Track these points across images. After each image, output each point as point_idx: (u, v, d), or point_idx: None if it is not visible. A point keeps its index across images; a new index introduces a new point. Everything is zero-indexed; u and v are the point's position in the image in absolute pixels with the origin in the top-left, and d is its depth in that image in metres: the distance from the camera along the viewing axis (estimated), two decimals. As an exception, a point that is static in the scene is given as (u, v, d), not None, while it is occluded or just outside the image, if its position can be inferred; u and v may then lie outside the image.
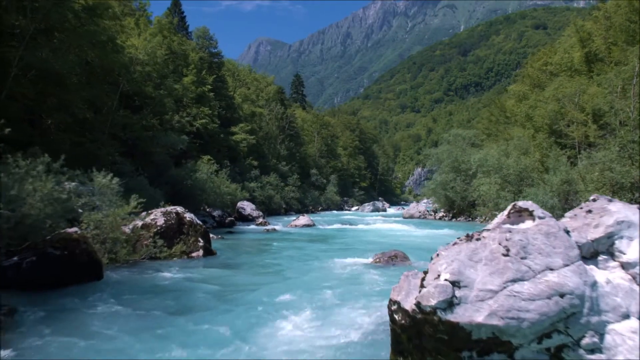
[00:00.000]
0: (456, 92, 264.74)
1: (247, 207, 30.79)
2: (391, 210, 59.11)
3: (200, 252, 12.13)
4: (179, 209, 13.21)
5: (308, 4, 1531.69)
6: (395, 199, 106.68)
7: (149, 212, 12.97)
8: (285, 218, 35.45)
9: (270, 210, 42.12)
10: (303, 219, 27.64)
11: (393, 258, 10.90)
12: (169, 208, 12.86)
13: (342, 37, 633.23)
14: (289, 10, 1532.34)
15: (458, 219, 33.02)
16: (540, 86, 39.09)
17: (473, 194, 29.86)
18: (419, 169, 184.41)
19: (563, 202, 21.65)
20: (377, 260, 10.92)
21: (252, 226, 27.10)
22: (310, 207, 53.97)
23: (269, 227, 24.69)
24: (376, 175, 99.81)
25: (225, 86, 48.48)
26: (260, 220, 28.74)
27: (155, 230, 11.81)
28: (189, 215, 13.07)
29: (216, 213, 27.83)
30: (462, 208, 32.74)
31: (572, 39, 36.54)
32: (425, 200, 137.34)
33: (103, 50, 24.42)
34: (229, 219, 28.46)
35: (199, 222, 13.33)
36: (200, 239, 12.45)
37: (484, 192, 24.27)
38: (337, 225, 28.13)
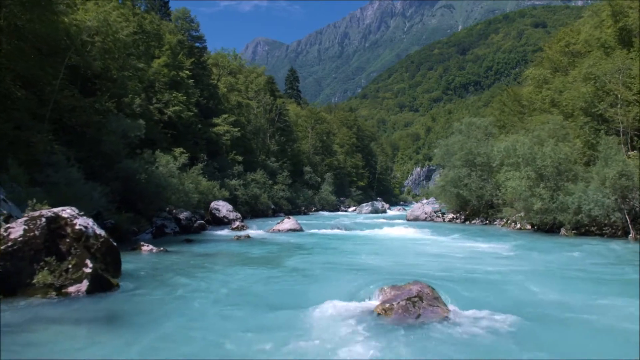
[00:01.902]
0: (455, 91, 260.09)
1: (223, 208, 25.78)
2: (391, 212, 54.12)
3: (83, 286, 7.12)
4: (68, 211, 8.19)
5: (306, 4, 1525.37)
6: (394, 199, 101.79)
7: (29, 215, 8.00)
8: (271, 221, 30.35)
9: (255, 211, 37.09)
10: (288, 223, 22.65)
11: (414, 302, 5.92)
12: (44, 211, 7.83)
13: (339, 37, 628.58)
14: (287, 11, 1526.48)
15: (472, 222, 28.03)
16: (562, 69, 34.47)
17: (496, 192, 24.94)
18: (418, 169, 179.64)
19: (620, 202, 16.72)
20: (388, 306, 5.93)
21: (225, 231, 22.09)
22: (303, 208, 48.98)
23: (243, 233, 19.70)
24: (374, 174, 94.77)
25: (207, 74, 43.43)
26: (237, 223, 23.74)
27: (3, 247, 6.81)
28: (81, 222, 8.06)
29: (183, 215, 22.83)
30: (477, 209, 27.76)
31: (603, 14, 31.71)
32: (425, 200, 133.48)
33: (35, 11, 19.47)
34: (198, 222, 23.48)
35: (98, 232, 8.30)
36: (89, 261, 7.43)
37: (512, 189, 19.33)
38: (329, 231, 23.13)
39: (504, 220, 25.36)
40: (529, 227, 22.18)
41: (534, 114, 34.68)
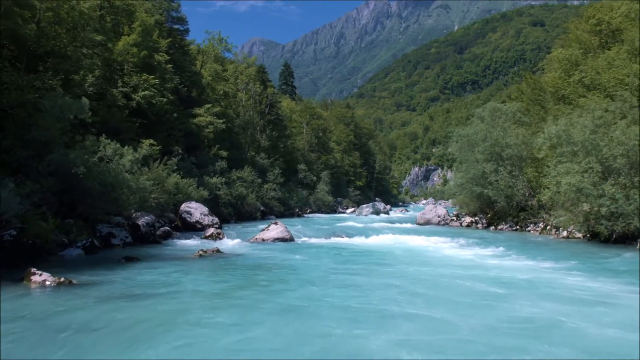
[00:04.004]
0: (452, 90, 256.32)
1: (196, 211, 20.98)
2: (394, 213, 49.39)
3: None
4: None
5: (302, 4, 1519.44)
6: (393, 200, 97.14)
7: None
8: (258, 225, 25.48)
9: (241, 213, 32.27)
10: (275, 230, 17.88)
11: None
12: None
13: (335, 37, 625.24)
14: (283, 11, 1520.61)
15: (499, 227, 23.34)
16: (593, 50, 30.10)
17: (529, 191, 20.30)
18: (416, 169, 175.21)
19: None
20: None
21: (193, 241, 17.30)
22: (297, 210, 44.18)
23: (213, 245, 14.93)
24: (373, 173, 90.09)
25: (188, 59, 38.59)
26: (212, 230, 18.92)
27: None
28: None
29: (143, 221, 17.98)
30: (504, 212, 23.07)
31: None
32: (424, 201, 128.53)
33: None
34: (162, 229, 18.66)
35: None
36: None
37: (570, 186, 14.55)
38: (327, 240, 18.39)
39: (540, 226, 20.71)
40: (578, 235, 17.55)
41: (560, 102, 30.22)
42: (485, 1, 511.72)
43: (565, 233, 18.00)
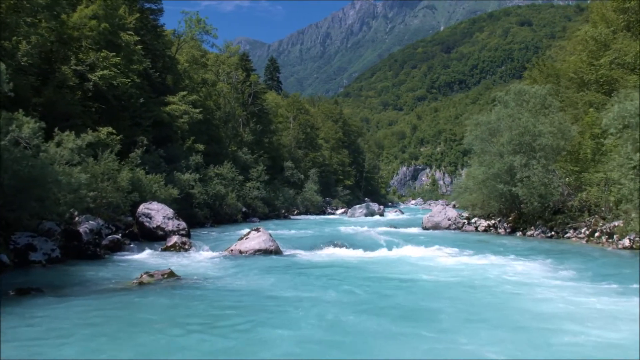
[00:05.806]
0: (439, 90, 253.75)
1: (158, 213, 16.67)
2: (388, 215, 45.44)
3: None
4: None
5: (288, 4, 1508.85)
6: (382, 200, 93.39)
7: None
8: (239, 230, 21.24)
9: (219, 215, 27.97)
10: (256, 239, 13.70)
11: None
12: None
13: (321, 37, 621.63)
14: (269, 11, 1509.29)
15: (527, 233, 19.47)
16: (620, 29, 26.93)
17: (567, 189, 16.47)
18: (404, 168, 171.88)
19: None
20: None
21: (148, 254, 13.03)
22: (283, 211, 40.00)
23: (172, 260, 10.73)
24: (362, 172, 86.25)
25: (161, 41, 34.13)
26: (175, 239, 14.67)
27: None
28: None
29: (86, 227, 13.64)
30: (535, 214, 19.19)
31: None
32: (413, 202, 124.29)
33: None
34: (111, 237, 14.33)
35: None
36: None
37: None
38: (325, 251, 14.27)
39: (584, 232, 16.89)
40: (645, 244, 13.76)
41: (584, 88, 26.70)
42: (471, 2, 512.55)
43: (627, 242, 14.16)
